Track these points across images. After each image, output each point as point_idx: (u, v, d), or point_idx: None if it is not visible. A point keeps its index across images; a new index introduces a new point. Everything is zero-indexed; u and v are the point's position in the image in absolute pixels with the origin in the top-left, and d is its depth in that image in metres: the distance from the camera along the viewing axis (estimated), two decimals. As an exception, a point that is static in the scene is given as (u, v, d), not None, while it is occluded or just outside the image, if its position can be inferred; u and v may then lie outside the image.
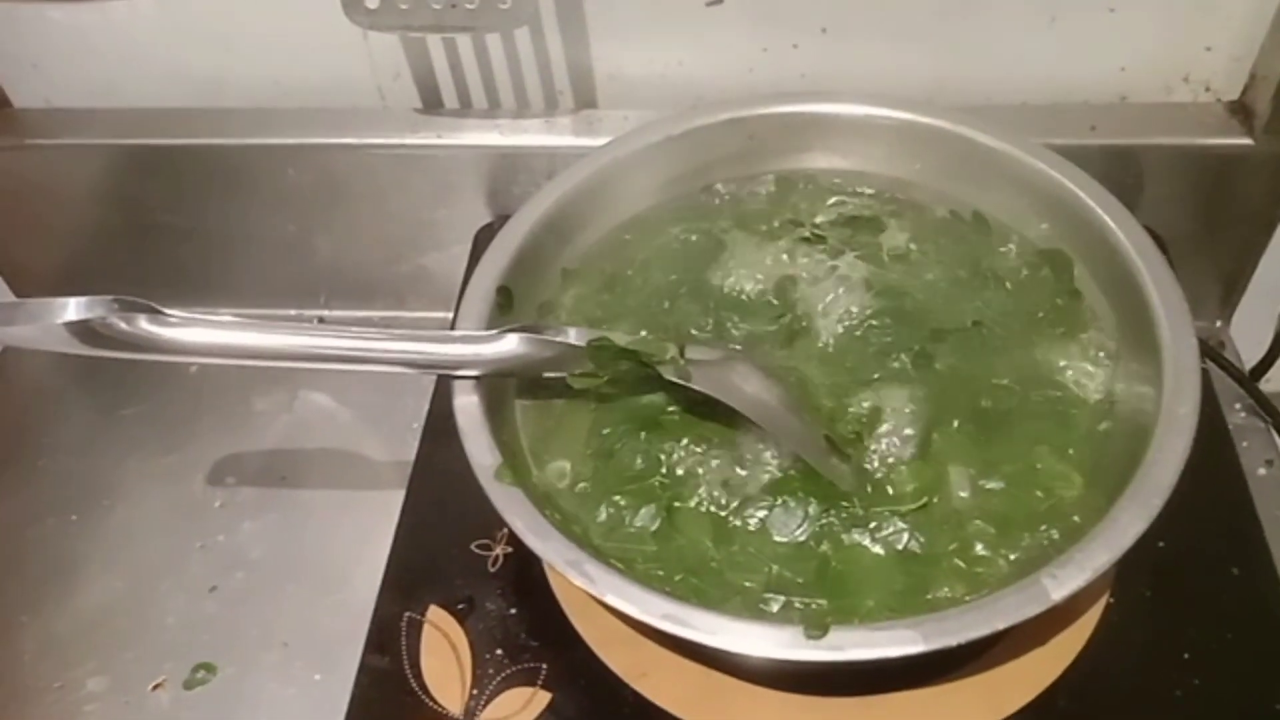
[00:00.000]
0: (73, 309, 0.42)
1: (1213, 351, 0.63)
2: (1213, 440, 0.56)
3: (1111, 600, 0.48)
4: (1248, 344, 0.68)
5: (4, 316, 0.43)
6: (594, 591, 0.39)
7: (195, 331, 0.43)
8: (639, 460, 0.45)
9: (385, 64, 0.63)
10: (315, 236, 0.69)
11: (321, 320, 0.72)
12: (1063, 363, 0.48)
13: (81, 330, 0.42)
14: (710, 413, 0.46)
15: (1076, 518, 0.43)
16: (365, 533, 0.58)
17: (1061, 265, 0.51)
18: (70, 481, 0.65)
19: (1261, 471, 0.60)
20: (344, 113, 0.64)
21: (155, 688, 0.55)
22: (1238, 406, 0.62)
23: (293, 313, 0.73)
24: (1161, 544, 0.50)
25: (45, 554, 0.61)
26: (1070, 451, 0.45)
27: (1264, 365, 0.66)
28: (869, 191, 0.55)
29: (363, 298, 0.72)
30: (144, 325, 0.42)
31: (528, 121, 0.63)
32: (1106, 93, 0.61)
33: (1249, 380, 0.63)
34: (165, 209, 0.68)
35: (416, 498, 0.53)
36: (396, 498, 0.54)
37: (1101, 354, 0.48)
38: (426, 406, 0.58)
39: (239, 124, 0.65)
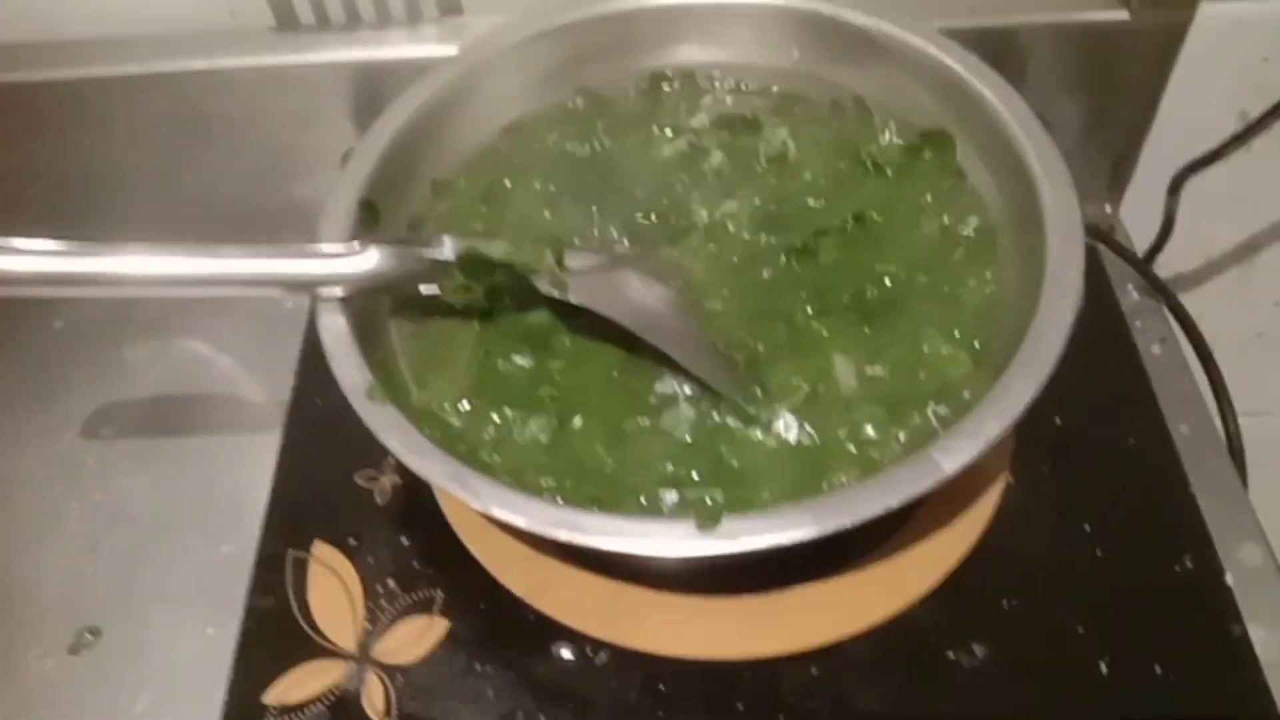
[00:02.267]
0: None
1: (1103, 234, 0.63)
2: (1106, 320, 0.56)
3: (1011, 480, 0.48)
4: (1139, 228, 0.68)
5: None
6: (478, 505, 0.37)
7: (25, 261, 0.40)
8: (526, 376, 0.43)
9: (235, -20, 0.59)
10: (180, 170, 0.65)
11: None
12: (948, 244, 0.47)
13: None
14: (597, 322, 0.44)
15: (966, 394, 0.42)
16: (250, 478, 0.55)
17: (944, 145, 0.50)
18: (-68, 447, 0.61)
19: (1155, 349, 0.60)
20: (195, 37, 0.60)
21: (40, 657, 0.52)
22: (1130, 288, 0.63)
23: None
24: (1058, 420, 0.50)
25: (-92, 521, 0.58)
26: (956, 333, 0.44)
27: (1155, 248, 0.66)
28: (747, 86, 0.53)
29: (232, 232, 0.67)
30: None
31: (390, 32, 0.60)
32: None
33: (1141, 262, 0.63)
34: (18, 151, 0.64)
35: (294, 433, 0.51)
36: (278, 440, 0.52)
37: (985, 234, 0.47)
38: (302, 343, 0.55)
39: (86, 55, 0.60)
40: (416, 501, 0.47)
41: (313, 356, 0.50)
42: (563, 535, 0.36)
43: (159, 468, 0.59)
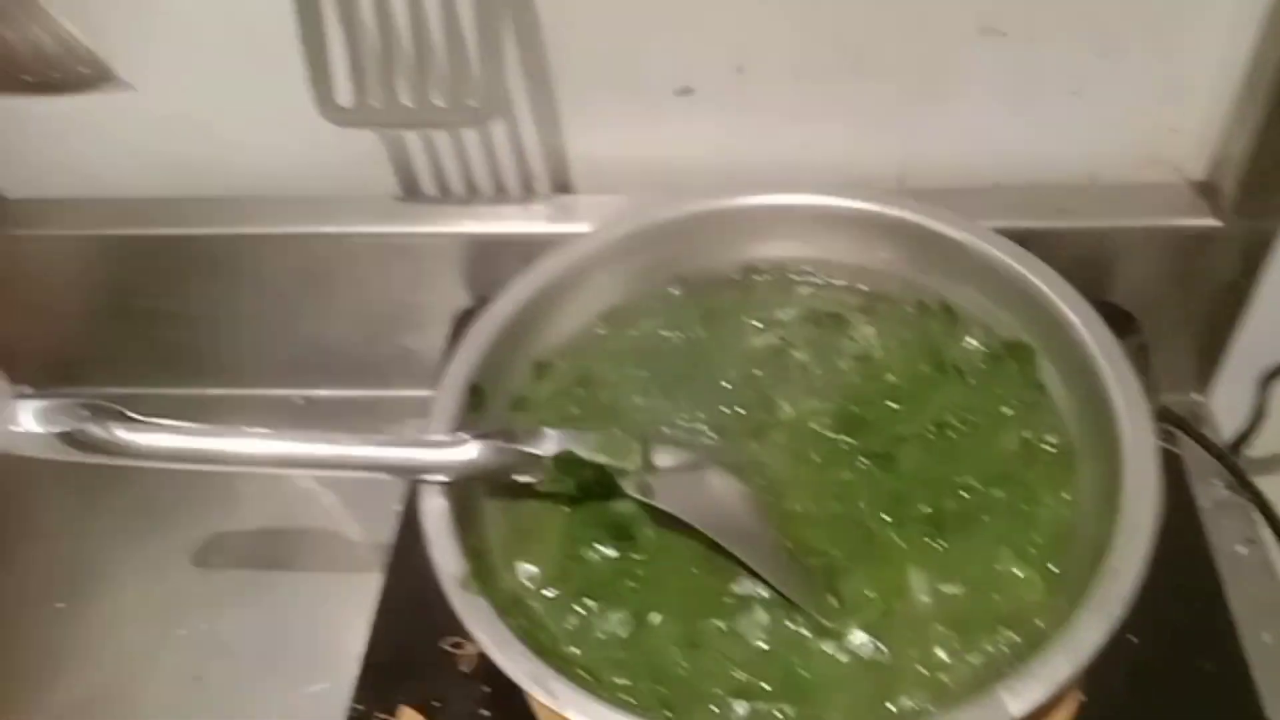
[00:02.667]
0: (35, 417, 0.42)
1: (1188, 426, 0.63)
2: (1185, 524, 0.56)
3: (1084, 699, 0.48)
4: (1230, 411, 0.68)
5: None
6: (556, 708, 0.39)
7: (161, 437, 0.44)
8: (609, 567, 0.46)
9: (364, 153, 0.64)
10: (298, 319, 0.70)
11: (306, 401, 0.73)
12: (1026, 459, 0.48)
13: (47, 439, 0.43)
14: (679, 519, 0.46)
15: (1039, 621, 0.43)
16: (345, 617, 0.58)
17: (1026, 356, 0.51)
18: (56, 568, 0.65)
19: (1240, 549, 0.59)
20: (324, 201, 0.65)
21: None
22: (1217, 481, 0.62)
23: (278, 392, 0.73)
24: (1134, 639, 0.50)
25: (29, 644, 0.62)
26: (1031, 553, 0.45)
27: (1244, 437, 0.66)
28: (837, 283, 0.56)
29: (347, 377, 0.73)
30: (115, 432, 0.43)
31: (504, 208, 0.64)
32: (1076, 174, 0.62)
33: (1228, 455, 0.63)
34: (151, 294, 0.70)
35: (391, 594, 0.54)
36: (376, 583, 0.55)
37: (1064, 452, 0.48)
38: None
39: (220, 214, 0.66)
40: (499, 675, 0.49)
41: (412, 518, 0.53)
42: (635, 747, 0.38)
43: (261, 601, 0.63)
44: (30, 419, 0.43)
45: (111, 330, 0.71)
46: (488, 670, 0.50)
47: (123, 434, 0.43)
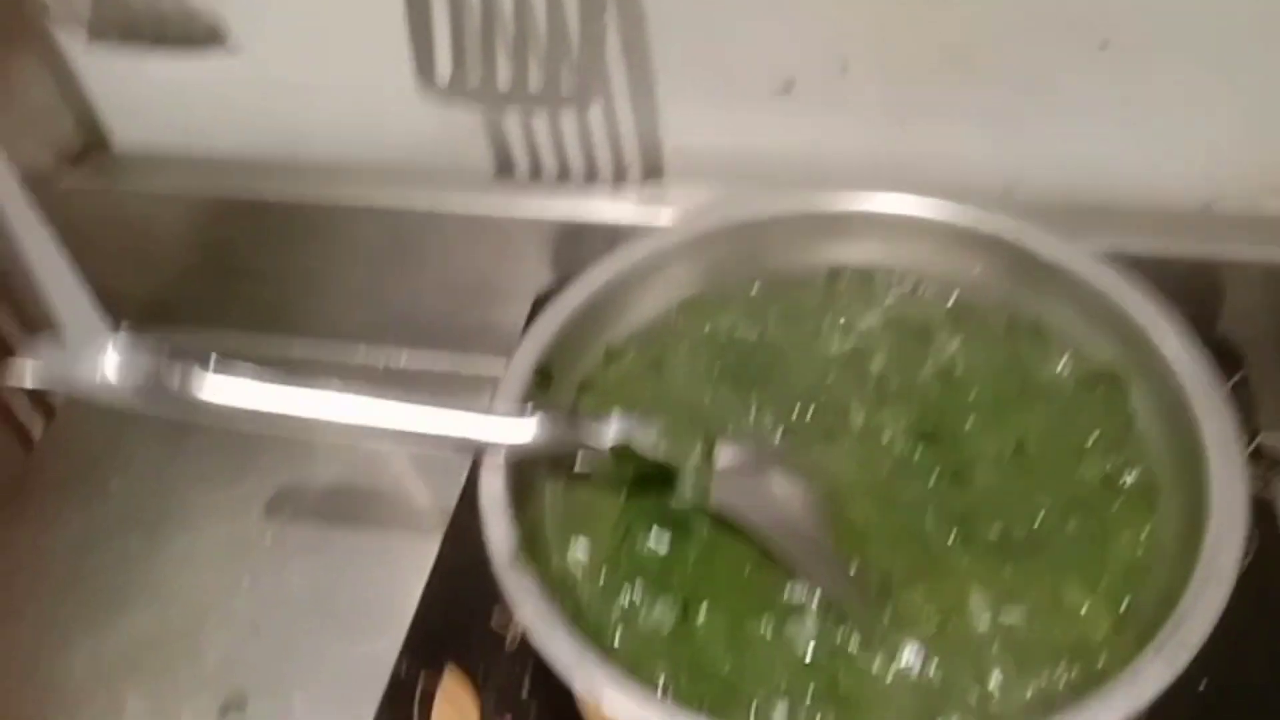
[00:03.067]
0: (115, 366, 0.44)
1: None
2: (1272, 569, 0.53)
3: (1143, 744, 0.46)
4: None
5: (52, 364, 0.44)
6: (590, 694, 0.39)
7: (236, 393, 0.44)
8: (660, 559, 0.45)
9: (461, 129, 0.64)
10: (385, 286, 0.71)
11: (388, 369, 0.74)
12: (1107, 491, 0.46)
13: (129, 388, 0.44)
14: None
15: (1101, 657, 0.41)
16: (405, 579, 0.58)
17: (1117, 386, 0.49)
18: (135, 505, 0.68)
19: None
20: (419, 174, 0.66)
21: (190, 718, 0.57)
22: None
23: (362, 350, 0.75)
24: (1204, 685, 0.47)
25: (105, 575, 0.64)
26: (1102, 585, 0.43)
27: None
28: (925, 293, 0.54)
29: (429, 345, 0.74)
30: (192, 387, 0.44)
31: (595, 192, 0.64)
32: (1190, 200, 0.59)
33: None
34: (247, 254, 0.72)
35: (446, 560, 0.54)
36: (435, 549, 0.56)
37: (1147, 487, 0.46)
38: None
39: (318, 180, 0.67)
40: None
41: (472, 491, 0.54)
42: (667, 741, 0.38)
43: (326, 557, 0.64)
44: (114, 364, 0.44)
45: (206, 285, 0.74)
46: (530, 650, 0.50)
47: (194, 392, 0.44)
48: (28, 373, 0.43)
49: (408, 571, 0.59)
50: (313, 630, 0.60)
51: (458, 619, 0.52)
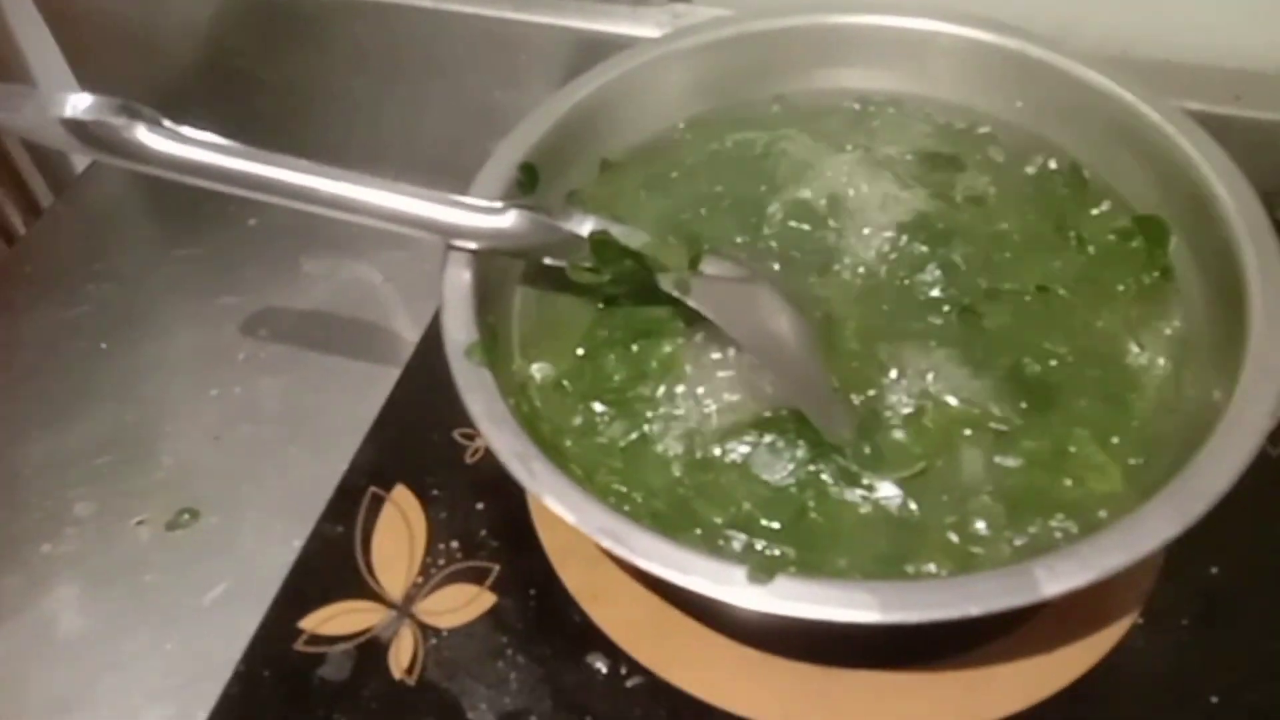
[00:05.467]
0: (72, 106, 0.40)
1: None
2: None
3: (1140, 621, 0.42)
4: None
5: (11, 104, 0.42)
6: (531, 489, 0.36)
7: (188, 149, 0.41)
8: (624, 370, 0.41)
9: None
10: (386, 102, 0.67)
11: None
12: (1133, 343, 0.42)
13: (78, 129, 0.40)
14: (717, 333, 0.41)
15: (1103, 513, 0.37)
16: (375, 407, 0.56)
17: (1157, 236, 0.44)
18: (111, 309, 0.65)
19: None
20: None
21: (138, 523, 0.55)
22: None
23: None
24: (1215, 570, 0.43)
25: (70, 374, 0.61)
26: (1114, 440, 0.39)
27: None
28: (958, 126, 0.49)
29: (428, 171, 0.69)
30: (139, 134, 0.41)
31: (615, 7, 0.59)
32: (1262, 60, 0.53)
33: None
34: (249, 55, 0.67)
35: (412, 375, 0.51)
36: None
37: (1180, 340, 0.41)
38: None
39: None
40: (501, 469, 0.46)
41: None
42: (608, 544, 0.34)
43: (298, 376, 0.60)
44: (61, 107, 0.40)
45: (202, 89, 0.70)
46: (492, 464, 0.47)
47: (145, 139, 0.40)
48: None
49: (378, 399, 0.56)
50: (275, 447, 0.57)
51: (417, 436, 0.49)
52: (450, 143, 0.67)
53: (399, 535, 0.45)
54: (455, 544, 0.45)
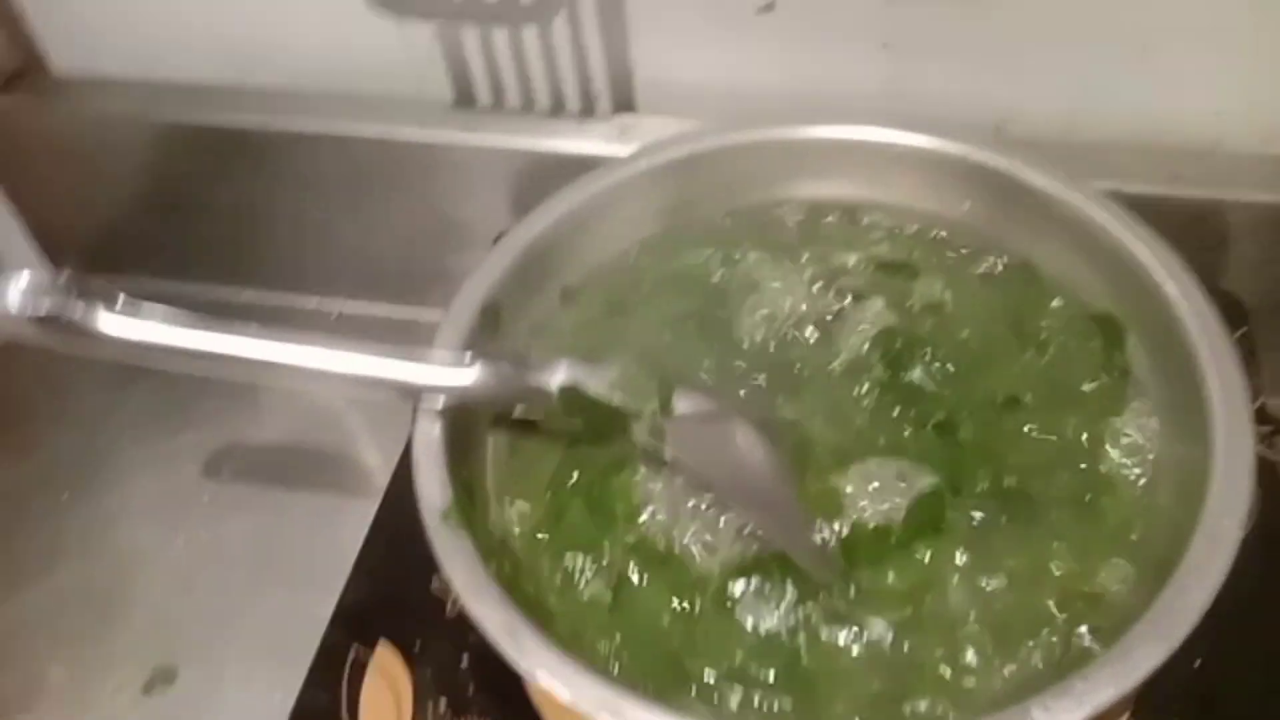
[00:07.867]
0: (17, 293, 0.39)
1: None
2: (1274, 545, 0.49)
3: (1130, 721, 0.42)
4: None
5: None
6: (522, 668, 0.35)
7: (146, 327, 0.40)
8: (595, 518, 0.41)
9: (419, 51, 0.60)
10: (340, 225, 0.66)
11: (340, 316, 0.70)
12: (1104, 445, 0.42)
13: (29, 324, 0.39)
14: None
15: (1084, 628, 0.37)
16: (348, 541, 0.55)
17: (1113, 334, 0.45)
18: (68, 457, 0.64)
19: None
20: (375, 101, 0.62)
21: (115, 691, 0.53)
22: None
23: (312, 304, 0.70)
24: (1199, 663, 0.43)
25: (32, 531, 0.60)
26: (1092, 548, 0.39)
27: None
28: (909, 230, 0.50)
29: (384, 292, 0.69)
30: (98, 321, 0.40)
31: (561, 124, 0.60)
32: (1198, 138, 0.55)
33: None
34: (194, 185, 0.67)
35: (383, 525, 0.50)
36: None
37: (1145, 441, 0.42)
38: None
39: (267, 106, 0.63)
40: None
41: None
42: (604, 718, 0.34)
43: (265, 516, 0.60)
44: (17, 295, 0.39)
45: (151, 220, 0.69)
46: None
47: (100, 326, 0.40)
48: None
49: (351, 534, 0.55)
50: (247, 592, 0.56)
51: (394, 587, 0.48)
52: (403, 261, 0.67)
53: (384, 699, 0.44)
54: (444, 702, 0.44)
